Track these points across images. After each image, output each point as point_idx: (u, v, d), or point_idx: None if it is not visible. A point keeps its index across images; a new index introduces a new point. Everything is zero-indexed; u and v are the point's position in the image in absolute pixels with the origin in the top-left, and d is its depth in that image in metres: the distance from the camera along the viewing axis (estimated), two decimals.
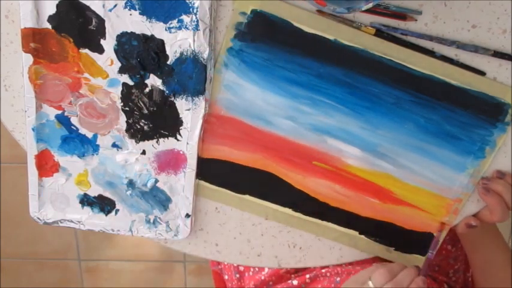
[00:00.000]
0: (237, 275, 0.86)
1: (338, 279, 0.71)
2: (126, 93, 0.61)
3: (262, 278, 0.81)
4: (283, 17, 0.57)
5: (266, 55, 0.59)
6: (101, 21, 0.58)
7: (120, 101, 0.61)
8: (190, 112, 0.61)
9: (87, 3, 0.57)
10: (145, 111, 0.62)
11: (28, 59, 0.59)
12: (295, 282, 0.78)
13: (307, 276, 0.77)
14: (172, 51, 0.58)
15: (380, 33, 0.57)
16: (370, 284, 0.59)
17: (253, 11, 0.57)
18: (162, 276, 1.59)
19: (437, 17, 0.57)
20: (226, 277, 0.90)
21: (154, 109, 0.61)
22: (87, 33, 0.58)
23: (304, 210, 0.66)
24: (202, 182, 0.65)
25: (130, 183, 0.65)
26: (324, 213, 0.66)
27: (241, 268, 0.85)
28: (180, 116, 0.61)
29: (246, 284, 0.84)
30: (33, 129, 0.63)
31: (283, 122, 0.62)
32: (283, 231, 0.67)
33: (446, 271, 0.83)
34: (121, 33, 0.58)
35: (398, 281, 0.59)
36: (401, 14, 0.56)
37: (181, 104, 0.61)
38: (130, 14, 0.57)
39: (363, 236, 0.67)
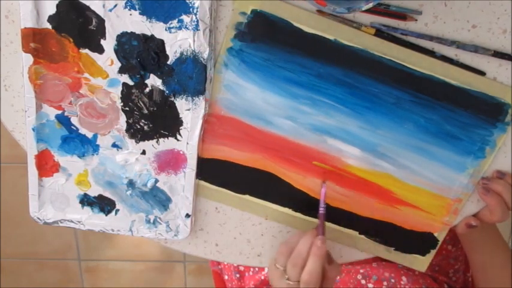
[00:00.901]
0: (237, 275, 0.86)
1: (337, 278, 0.71)
2: (126, 93, 0.61)
3: (262, 278, 0.81)
4: (283, 17, 0.57)
5: (266, 55, 0.59)
6: (101, 21, 0.58)
7: (120, 101, 0.61)
8: (190, 112, 0.61)
9: (87, 3, 0.57)
10: (145, 111, 0.62)
11: (28, 59, 0.59)
12: None
13: None
14: (172, 51, 0.58)
15: (380, 33, 0.57)
16: (278, 266, 0.60)
17: (253, 11, 0.57)
18: (162, 276, 1.59)
19: (437, 17, 0.57)
20: (226, 277, 0.90)
21: (154, 109, 0.61)
22: (87, 33, 0.58)
23: (304, 210, 0.66)
24: (202, 182, 0.65)
25: (130, 183, 0.65)
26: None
27: (241, 268, 0.85)
28: (180, 116, 0.61)
29: (246, 284, 0.84)
30: (33, 129, 0.63)
31: (283, 122, 0.62)
32: (283, 231, 0.67)
33: (446, 271, 0.83)
34: (121, 33, 0.58)
35: (297, 252, 0.59)
36: (401, 14, 0.56)
37: (181, 104, 0.61)
38: (131, 14, 0.57)
39: (363, 236, 0.67)
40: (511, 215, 0.66)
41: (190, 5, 0.56)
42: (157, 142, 0.63)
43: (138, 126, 0.62)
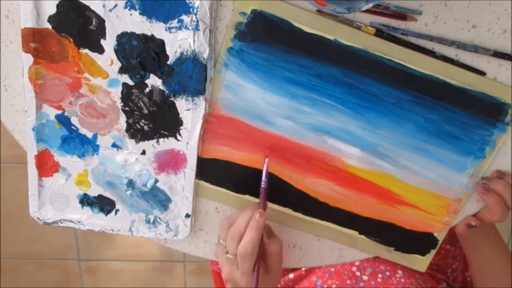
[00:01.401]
0: None
1: (332, 269, 0.71)
2: (126, 93, 0.61)
3: None
4: (283, 17, 0.57)
5: (266, 55, 0.59)
6: (101, 21, 0.58)
7: (120, 101, 0.61)
8: (190, 112, 0.61)
9: (87, 3, 0.57)
10: (146, 111, 0.62)
11: (28, 59, 0.59)
12: (291, 276, 0.79)
13: (303, 268, 0.78)
14: (172, 51, 0.58)
15: (380, 33, 0.57)
16: (221, 241, 0.61)
17: (253, 11, 0.57)
18: (162, 276, 1.59)
19: (437, 17, 0.57)
20: (218, 267, 0.90)
21: (155, 109, 0.61)
22: (87, 33, 0.58)
23: (304, 210, 0.66)
24: (202, 182, 0.65)
25: (130, 183, 0.65)
26: (324, 213, 0.65)
27: None
28: (180, 116, 0.61)
29: None
30: (33, 129, 0.63)
31: (283, 122, 0.62)
32: (283, 231, 0.67)
33: (445, 270, 0.83)
34: (121, 33, 0.58)
35: (235, 226, 0.59)
36: (402, 14, 0.56)
37: (181, 104, 0.61)
38: (131, 14, 0.57)
39: (363, 236, 0.67)
40: (511, 215, 0.66)
41: (190, 5, 0.56)
42: (157, 142, 0.63)
43: (138, 126, 0.62)
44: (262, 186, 0.61)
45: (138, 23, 0.58)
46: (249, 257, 0.57)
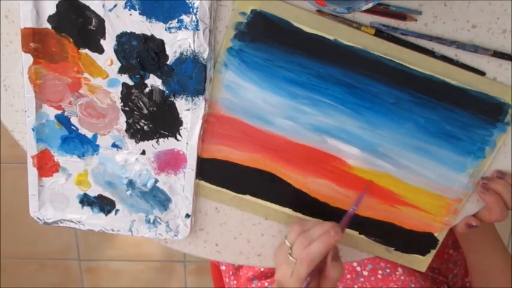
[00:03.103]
0: (235, 265, 0.86)
1: (338, 282, 0.71)
2: (126, 93, 0.61)
3: (262, 269, 0.82)
4: (283, 17, 0.57)
5: (266, 55, 0.59)
6: (101, 21, 0.58)
7: (120, 101, 0.61)
8: (190, 112, 0.61)
9: (87, 3, 0.57)
10: (145, 111, 0.62)
11: (28, 59, 0.59)
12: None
13: None
14: (172, 51, 0.58)
15: (380, 33, 0.57)
16: (287, 242, 0.60)
17: (253, 11, 0.57)
18: (162, 276, 1.59)
19: (437, 17, 0.57)
20: (223, 267, 0.90)
21: (154, 109, 0.61)
22: (87, 33, 0.58)
23: (304, 210, 0.66)
24: (202, 182, 0.65)
25: (130, 183, 0.65)
26: (324, 213, 0.65)
27: None
28: (180, 116, 0.61)
29: (244, 274, 0.84)
30: (33, 129, 0.63)
31: (283, 122, 0.62)
32: (283, 231, 0.67)
33: (446, 275, 0.83)
34: (121, 33, 0.58)
35: (309, 233, 0.59)
36: (401, 14, 0.56)
37: (181, 104, 0.61)
38: (130, 14, 0.57)
39: (363, 236, 0.67)
40: (511, 215, 0.66)
41: (190, 5, 0.56)
42: (157, 142, 0.63)
43: (138, 126, 0.62)
44: (350, 212, 0.62)
45: (137, 23, 0.57)
46: (308, 264, 0.57)
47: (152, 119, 0.62)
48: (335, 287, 0.61)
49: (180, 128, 0.62)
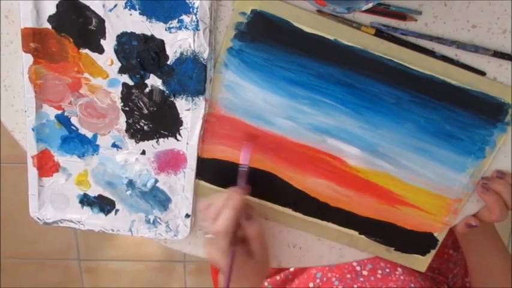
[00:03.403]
0: None
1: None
2: (126, 93, 0.61)
3: None
4: (283, 17, 0.57)
5: (266, 55, 0.59)
6: (101, 21, 0.58)
7: (120, 101, 0.61)
8: (190, 112, 0.61)
9: (87, 3, 0.57)
10: (145, 111, 0.62)
11: (28, 59, 0.59)
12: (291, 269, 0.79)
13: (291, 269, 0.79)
14: (172, 51, 0.58)
15: (380, 33, 0.57)
16: (201, 223, 0.61)
17: (253, 11, 0.57)
18: (162, 276, 1.59)
19: (437, 17, 0.57)
20: None
21: (154, 109, 0.61)
22: (87, 33, 0.58)
23: (304, 210, 0.66)
24: (202, 182, 0.65)
25: (130, 183, 0.65)
26: (324, 213, 0.65)
27: None
28: (180, 116, 0.61)
29: None
30: (33, 129, 0.63)
31: (283, 122, 0.62)
32: (283, 231, 0.67)
33: (446, 275, 0.83)
34: (121, 33, 0.58)
35: (214, 206, 0.59)
36: (401, 14, 0.56)
37: (181, 104, 0.61)
38: (131, 14, 0.57)
39: (363, 236, 0.67)
40: (511, 215, 0.66)
41: (190, 5, 0.56)
42: (157, 142, 0.63)
43: (138, 126, 0.62)
44: (241, 169, 0.61)
45: (138, 23, 0.57)
46: (223, 235, 0.57)
47: (152, 119, 0.62)
48: (264, 245, 0.61)
49: (180, 128, 0.62)
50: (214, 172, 0.65)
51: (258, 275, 0.62)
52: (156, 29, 0.57)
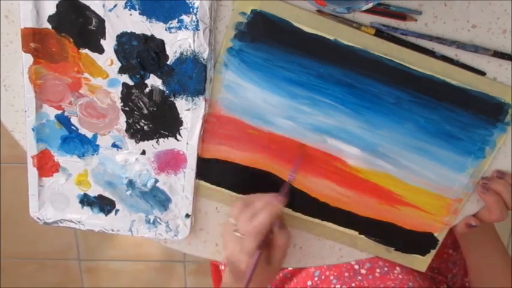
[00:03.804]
0: None
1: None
2: (126, 93, 0.61)
3: None
4: (283, 17, 0.57)
5: (266, 55, 0.59)
6: (101, 21, 0.58)
7: (120, 101, 0.61)
8: (190, 112, 0.61)
9: (87, 3, 0.57)
10: (145, 111, 0.62)
11: (28, 59, 0.59)
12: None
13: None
14: (172, 51, 0.58)
15: (380, 33, 0.57)
16: (231, 220, 0.60)
17: (253, 11, 0.57)
18: (162, 276, 1.59)
19: (437, 17, 0.57)
20: (223, 267, 0.91)
21: (154, 109, 0.61)
22: (87, 33, 0.58)
23: (304, 210, 0.66)
24: (202, 182, 0.65)
25: (130, 183, 0.65)
26: (324, 213, 0.65)
27: None
28: (180, 116, 0.61)
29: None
30: (33, 129, 0.63)
31: (283, 122, 0.62)
32: None
33: (445, 275, 0.83)
34: (121, 33, 0.58)
35: (252, 207, 0.59)
36: (401, 14, 0.56)
37: (181, 104, 0.61)
38: (131, 14, 0.57)
39: (363, 236, 0.67)
40: (511, 215, 0.66)
41: (190, 5, 0.56)
42: (157, 142, 0.63)
43: (138, 126, 0.62)
44: (289, 178, 0.62)
45: (138, 23, 0.58)
46: (256, 237, 0.57)
47: (152, 119, 0.62)
48: (285, 256, 0.61)
49: (180, 128, 0.62)
50: (214, 172, 0.65)
51: (267, 281, 0.63)
52: (156, 29, 0.57)
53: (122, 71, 0.60)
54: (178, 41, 0.58)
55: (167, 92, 0.60)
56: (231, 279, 0.61)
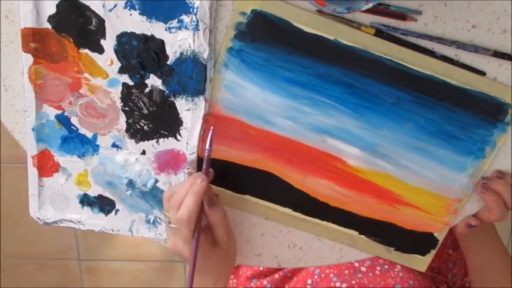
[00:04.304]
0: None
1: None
2: (126, 93, 0.61)
3: (261, 269, 0.82)
4: (283, 17, 0.57)
5: (266, 55, 0.59)
6: (101, 21, 0.58)
7: (120, 101, 0.61)
8: (190, 112, 0.61)
9: (87, 3, 0.57)
10: (145, 111, 0.62)
11: (28, 59, 0.59)
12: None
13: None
14: (172, 51, 0.58)
15: (380, 33, 0.57)
16: (164, 213, 0.60)
17: (253, 11, 0.57)
18: (162, 276, 1.59)
19: (437, 17, 0.57)
20: None
21: (154, 109, 0.61)
22: (87, 33, 0.58)
23: (304, 210, 0.66)
24: None
25: (130, 183, 0.65)
26: (324, 213, 0.65)
27: None
28: (180, 116, 0.61)
29: (243, 273, 0.84)
30: (33, 129, 0.63)
31: (283, 122, 0.62)
32: (283, 231, 0.67)
33: (445, 275, 0.83)
34: (121, 33, 0.58)
35: (176, 194, 0.58)
36: (401, 14, 0.56)
37: (181, 104, 0.61)
38: (131, 14, 0.57)
39: (363, 236, 0.67)
40: (511, 215, 0.66)
41: (190, 5, 0.56)
42: (157, 142, 0.63)
43: (138, 126, 0.62)
44: (206, 154, 0.60)
45: (138, 23, 0.58)
46: (187, 223, 0.56)
47: (152, 119, 0.62)
48: (229, 232, 0.60)
49: (180, 128, 0.62)
50: (215, 172, 0.64)
51: (223, 264, 0.62)
52: (156, 29, 0.57)
53: (122, 71, 0.60)
54: (178, 41, 0.58)
55: (167, 92, 0.60)
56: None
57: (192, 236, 0.57)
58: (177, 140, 0.62)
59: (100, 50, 0.59)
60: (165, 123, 0.62)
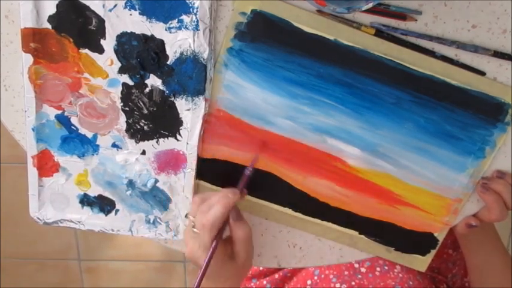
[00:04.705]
0: None
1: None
2: (126, 93, 0.61)
3: (261, 268, 0.82)
4: (283, 17, 0.57)
5: (266, 55, 0.59)
6: (101, 21, 0.58)
7: (120, 101, 0.61)
8: (190, 112, 0.61)
9: (87, 3, 0.57)
10: (145, 111, 0.62)
11: (28, 59, 0.59)
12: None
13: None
14: (172, 51, 0.58)
15: (380, 33, 0.57)
16: (190, 217, 0.60)
17: (253, 11, 0.57)
18: (162, 276, 1.59)
19: (437, 17, 0.57)
20: None
21: (154, 109, 0.61)
22: (87, 33, 0.58)
23: (304, 210, 0.66)
24: (202, 182, 0.65)
25: (130, 183, 0.65)
26: (324, 213, 0.65)
27: None
28: (180, 116, 0.61)
29: None
30: (33, 129, 0.63)
31: (283, 122, 0.62)
32: (283, 231, 0.67)
33: (445, 275, 0.83)
34: (121, 33, 0.58)
35: (207, 202, 0.59)
36: (401, 14, 0.56)
37: (181, 104, 0.61)
38: (131, 14, 0.57)
39: (363, 236, 0.67)
40: (511, 215, 0.66)
41: (190, 5, 0.56)
42: (157, 142, 0.63)
43: (138, 126, 0.62)
44: (245, 173, 0.61)
45: (138, 23, 0.58)
46: (209, 229, 0.57)
47: (152, 119, 0.62)
48: (248, 250, 0.61)
49: (180, 128, 0.62)
50: (214, 172, 0.65)
51: (235, 278, 0.62)
52: (156, 29, 0.57)
53: (121, 71, 0.60)
54: (178, 41, 0.58)
55: (167, 92, 0.60)
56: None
57: (211, 244, 0.58)
58: (177, 140, 0.62)
59: (100, 50, 0.59)
60: (165, 123, 0.62)
